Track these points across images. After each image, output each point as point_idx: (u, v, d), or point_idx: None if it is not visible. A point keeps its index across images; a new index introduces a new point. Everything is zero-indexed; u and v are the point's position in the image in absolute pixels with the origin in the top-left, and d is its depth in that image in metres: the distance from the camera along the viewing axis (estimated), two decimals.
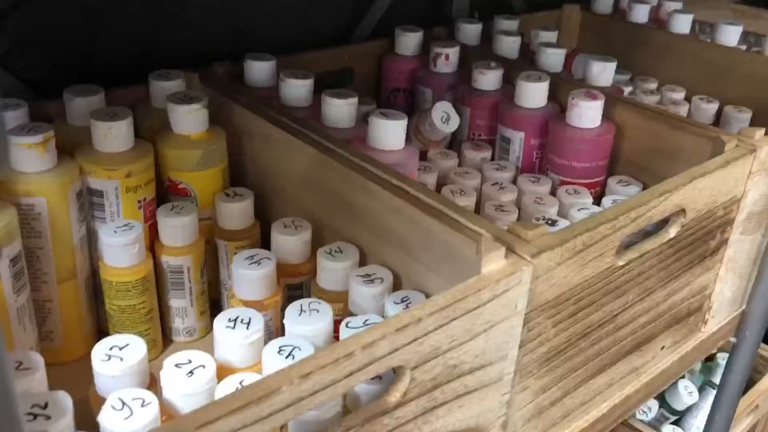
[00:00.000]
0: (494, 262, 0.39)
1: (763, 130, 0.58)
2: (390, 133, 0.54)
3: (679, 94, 0.85)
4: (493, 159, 0.68)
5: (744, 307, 0.68)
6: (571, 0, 0.98)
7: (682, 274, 0.56)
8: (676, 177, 0.51)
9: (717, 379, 0.87)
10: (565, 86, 0.68)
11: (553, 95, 0.66)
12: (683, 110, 0.81)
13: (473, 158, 0.67)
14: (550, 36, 0.80)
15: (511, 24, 0.83)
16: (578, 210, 0.57)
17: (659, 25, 0.96)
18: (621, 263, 0.48)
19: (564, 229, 0.43)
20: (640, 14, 0.93)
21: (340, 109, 0.57)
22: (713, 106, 0.82)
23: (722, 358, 0.96)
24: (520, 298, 0.41)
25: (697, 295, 0.60)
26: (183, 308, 0.56)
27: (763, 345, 0.99)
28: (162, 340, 0.57)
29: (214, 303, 0.59)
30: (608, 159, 0.63)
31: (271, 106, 0.59)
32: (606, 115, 0.64)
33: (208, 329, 0.58)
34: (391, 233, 0.48)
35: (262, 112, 0.58)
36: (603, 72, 0.70)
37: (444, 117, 0.64)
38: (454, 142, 0.71)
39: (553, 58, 0.73)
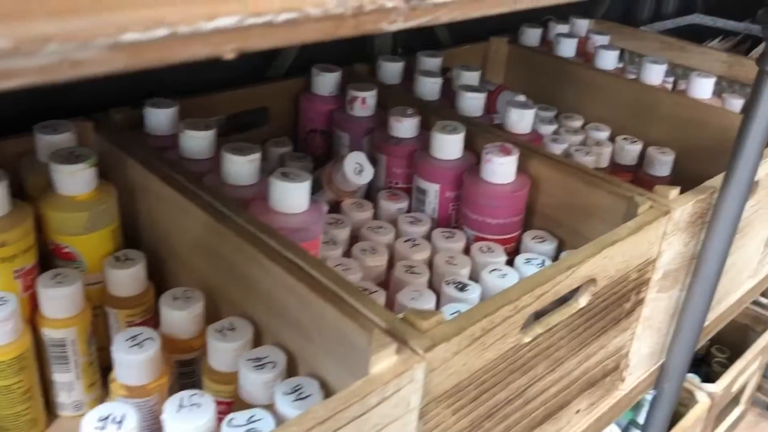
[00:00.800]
0: (384, 360, 0.37)
1: (677, 190, 0.57)
2: (291, 196, 0.51)
3: (604, 133, 0.84)
4: (410, 210, 0.66)
5: (663, 359, 0.67)
6: (498, 32, 0.96)
7: (596, 340, 0.54)
8: (585, 247, 0.49)
9: (642, 419, 0.87)
10: (482, 135, 0.66)
11: (470, 144, 0.64)
12: (606, 151, 0.80)
13: (389, 209, 0.65)
14: (472, 77, 0.78)
15: (434, 62, 0.80)
16: (490, 271, 0.55)
17: (586, 59, 0.95)
18: (527, 340, 0.46)
19: (462, 315, 0.41)
20: (567, 48, 0.92)
21: (240, 166, 0.54)
22: (637, 147, 0.81)
23: (649, 394, 0.96)
24: (413, 395, 0.38)
25: (613, 356, 0.58)
26: (68, 383, 0.52)
27: (688, 376, 0.99)
28: (46, 417, 0.52)
29: (108, 369, 0.55)
30: (523, 214, 0.61)
31: (166, 160, 0.55)
32: (522, 168, 0.62)
33: (100, 400, 0.54)
34: (287, 311, 0.45)
35: (154, 167, 0.54)
36: (521, 120, 0.68)
37: (357, 168, 0.61)
38: (372, 189, 0.68)
39: (473, 103, 0.71)
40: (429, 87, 0.75)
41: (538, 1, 0.27)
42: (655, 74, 0.87)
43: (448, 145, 0.62)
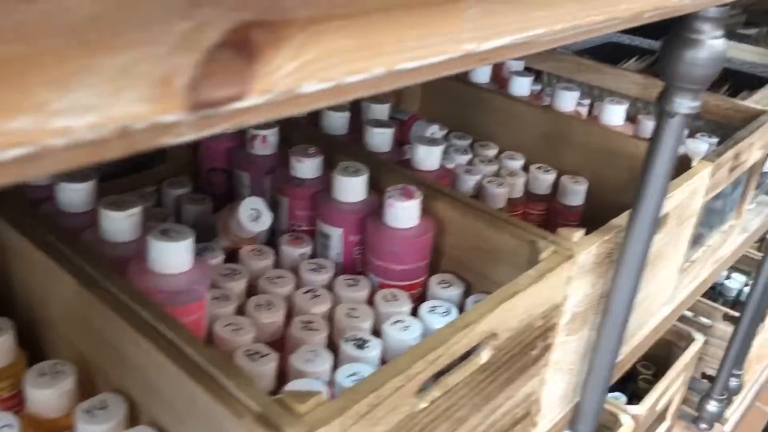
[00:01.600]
0: None
1: (582, 232, 0.56)
2: (171, 256, 0.47)
3: (518, 162, 0.83)
4: (315, 254, 0.63)
5: (577, 399, 0.66)
6: None
7: (501, 392, 0.52)
8: (482, 302, 0.47)
9: None
10: (388, 174, 0.63)
11: (376, 183, 0.62)
12: (520, 181, 0.79)
13: (291, 254, 0.61)
14: (382, 110, 0.75)
15: None
16: (392, 324, 0.53)
17: (502, 84, 0.94)
18: (424, 405, 0.44)
19: (346, 393, 0.38)
20: (481, 75, 0.91)
21: (118, 223, 0.50)
22: (550, 177, 0.80)
23: None
24: None
25: (522, 404, 0.57)
26: None
27: (610, 399, 0.99)
28: None
29: None
30: (429, 258, 0.59)
31: (40, 217, 0.51)
32: (428, 210, 0.60)
33: None
34: (160, 390, 0.41)
35: (21, 223, 0.49)
36: (428, 157, 0.66)
37: (252, 215, 0.58)
38: (275, 233, 0.65)
39: (380, 138, 0.69)
40: (336, 121, 0.72)
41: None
42: (567, 101, 0.86)
43: (351, 188, 0.59)
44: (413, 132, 0.82)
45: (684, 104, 0.51)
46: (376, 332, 0.53)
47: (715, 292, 1.52)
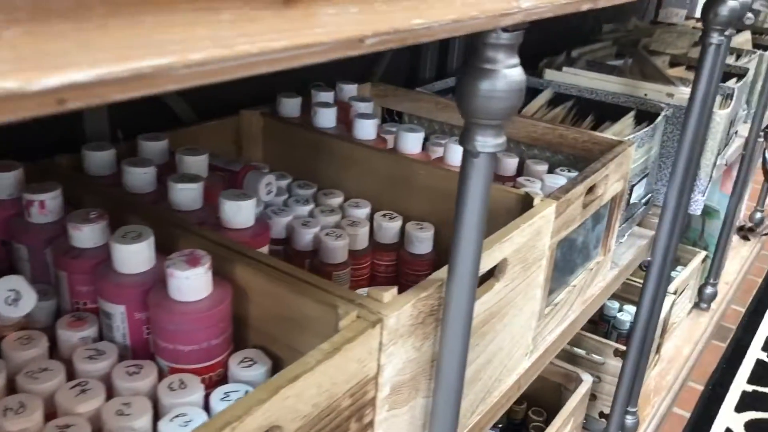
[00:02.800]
0: None
1: (394, 290, 0.49)
2: None
3: (363, 210, 0.76)
4: (101, 336, 0.53)
5: None
6: (256, 103, 0.87)
7: None
8: (256, 391, 0.39)
9: None
10: (187, 237, 0.55)
11: (175, 248, 0.53)
12: (363, 231, 0.72)
13: (70, 339, 0.52)
14: (197, 162, 0.67)
15: (155, 147, 0.69)
16: (171, 419, 0.44)
17: (349, 127, 0.88)
18: None
19: None
20: (326, 119, 0.85)
21: None
22: (395, 224, 0.74)
23: None
24: None
25: None
26: None
27: None
28: None
29: None
30: (227, 333, 0.51)
31: None
32: (227, 275, 0.52)
33: None
34: None
35: None
36: (238, 213, 0.59)
37: (9, 297, 0.48)
38: (59, 312, 0.56)
39: (187, 195, 0.61)
40: (139, 178, 0.63)
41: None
42: (412, 143, 0.80)
43: (130, 257, 0.50)
44: (246, 183, 0.74)
45: (487, 142, 0.45)
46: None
47: (608, 326, 1.49)
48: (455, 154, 0.78)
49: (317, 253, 0.70)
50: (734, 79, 1.42)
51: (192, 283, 0.48)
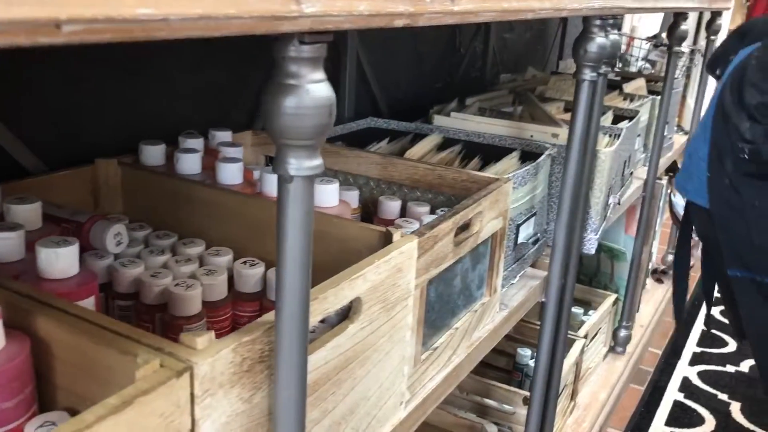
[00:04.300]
0: None
1: (210, 335, 0.44)
2: None
3: (224, 258, 0.71)
4: None
5: None
6: (118, 152, 0.83)
7: None
8: None
9: None
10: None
11: None
12: (221, 279, 0.67)
13: None
14: (24, 212, 0.62)
15: None
16: None
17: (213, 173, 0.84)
18: None
19: None
20: (189, 165, 0.80)
21: None
22: (257, 271, 0.69)
23: None
24: None
25: None
26: None
27: None
28: None
29: None
30: (23, 395, 0.45)
31: None
32: (27, 328, 0.46)
33: None
34: None
35: None
36: (56, 260, 0.53)
37: None
38: None
39: (2, 243, 0.55)
40: None
41: None
42: (273, 185, 0.77)
43: None
44: (92, 234, 0.69)
45: (302, 165, 0.42)
46: None
47: (522, 375, 1.46)
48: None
49: (167, 307, 0.64)
50: (626, 121, 1.45)
51: None
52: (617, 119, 1.51)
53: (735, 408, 1.70)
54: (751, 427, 1.62)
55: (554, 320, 1.03)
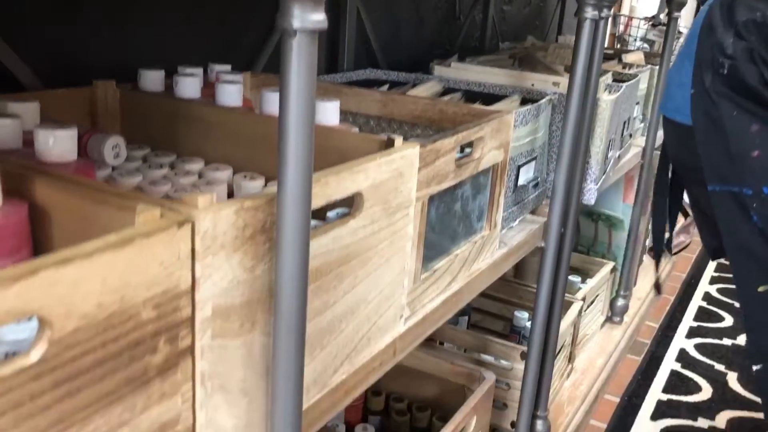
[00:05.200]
0: None
1: (212, 196, 0.43)
2: None
3: (223, 173, 0.71)
4: None
5: None
6: (104, 75, 0.81)
7: (95, 414, 0.37)
8: (4, 270, 0.32)
9: None
10: None
11: None
12: (220, 189, 0.66)
13: None
14: (26, 111, 0.61)
15: None
16: None
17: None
18: None
19: None
20: (188, 89, 0.80)
21: None
22: (257, 184, 0.68)
23: None
24: None
25: None
26: None
27: None
28: None
29: None
30: (19, 255, 0.44)
31: None
32: (24, 196, 0.45)
33: None
34: None
35: None
36: (55, 143, 0.52)
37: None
38: None
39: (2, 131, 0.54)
40: None
41: None
42: (273, 104, 0.76)
43: None
44: (90, 147, 0.68)
45: (306, 18, 0.41)
46: None
47: (519, 337, 1.45)
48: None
49: None
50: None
51: None
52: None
53: (732, 378, 1.70)
54: (749, 395, 1.62)
55: (553, 266, 1.03)
